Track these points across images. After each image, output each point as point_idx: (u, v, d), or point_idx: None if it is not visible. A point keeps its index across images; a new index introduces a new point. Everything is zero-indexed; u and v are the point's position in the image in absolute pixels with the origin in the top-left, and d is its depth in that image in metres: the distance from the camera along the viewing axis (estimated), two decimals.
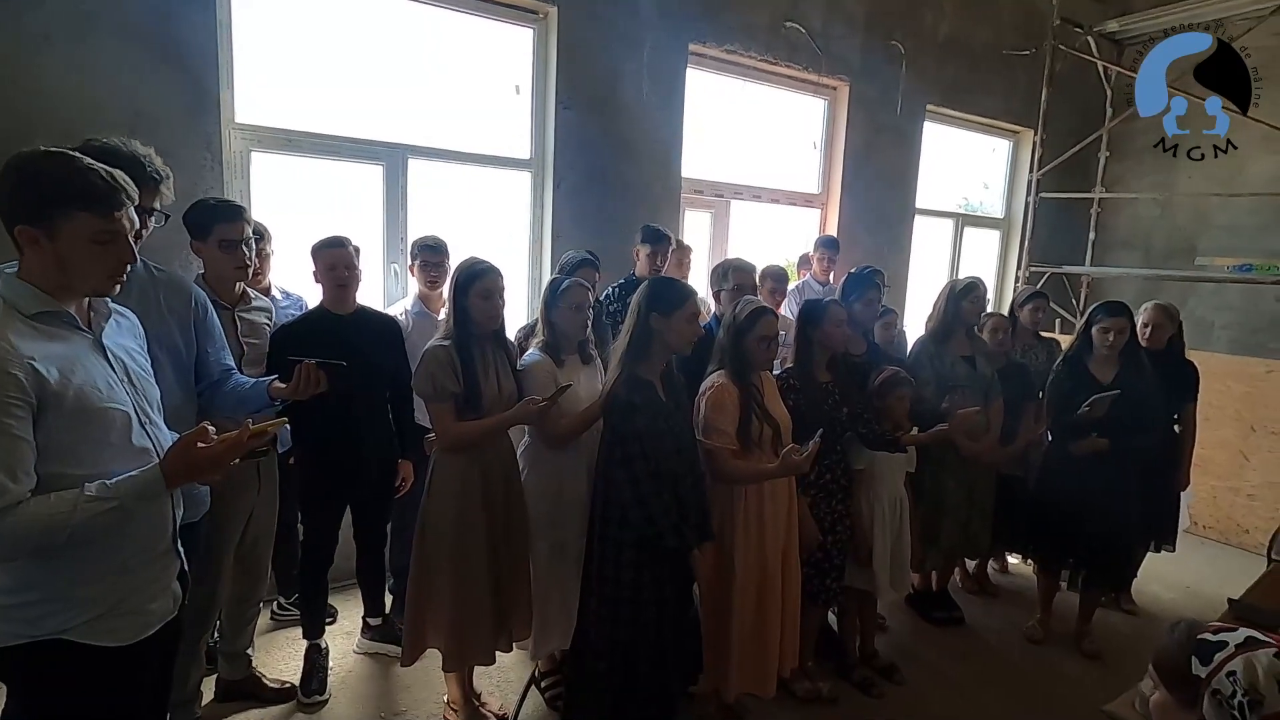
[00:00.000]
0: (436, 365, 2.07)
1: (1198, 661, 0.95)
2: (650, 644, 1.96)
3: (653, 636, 1.96)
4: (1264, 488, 4.19)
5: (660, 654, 1.97)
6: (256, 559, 2.37)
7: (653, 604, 1.95)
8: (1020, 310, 3.57)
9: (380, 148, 3.37)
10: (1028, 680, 2.85)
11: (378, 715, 2.45)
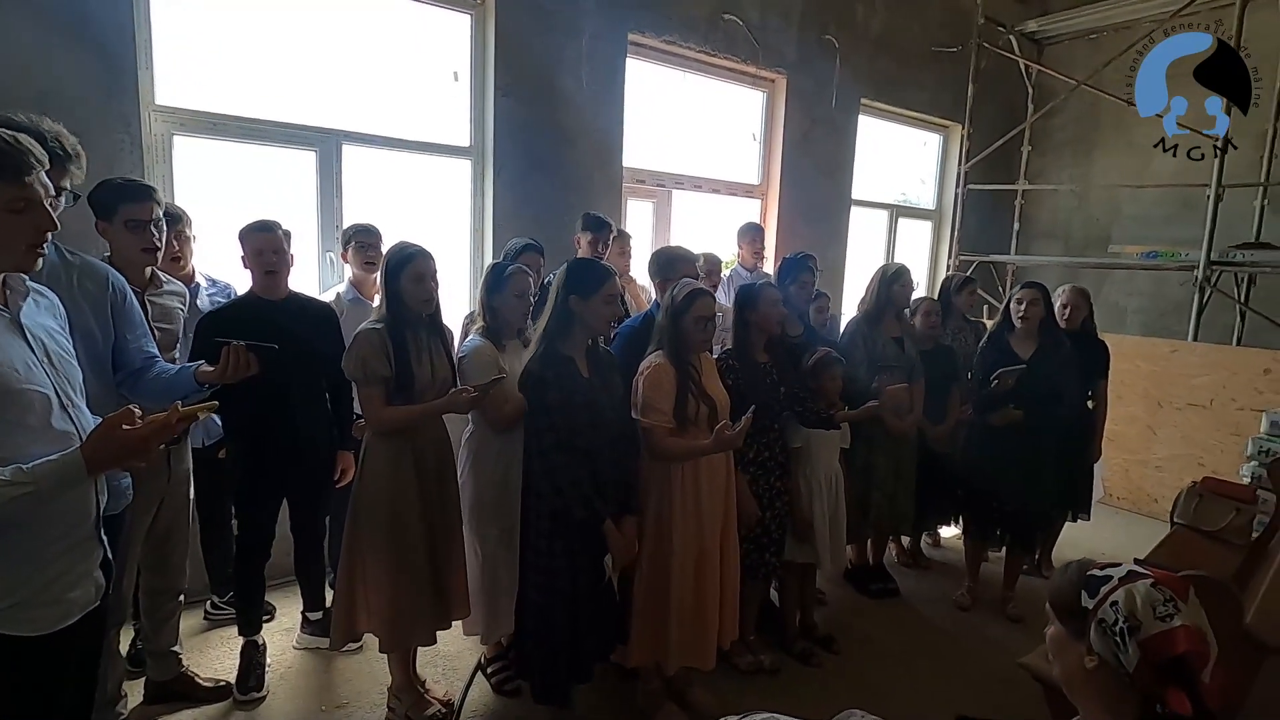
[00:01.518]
0: (367, 348, 2.05)
1: (1086, 595, 1.03)
2: (563, 611, 2.00)
3: (566, 604, 2.01)
4: (1169, 459, 4.50)
5: (573, 621, 2.02)
6: (170, 550, 2.28)
7: (565, 573, 2.00)
8: (954, 295, 3.73)
9: (313, 133, 3.29)
10: (957, 644, 3.00)
11: (318, 709, 2.41)
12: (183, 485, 2.28)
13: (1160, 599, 0.98)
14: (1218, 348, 4.47)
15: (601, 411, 2.02)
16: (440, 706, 2.35)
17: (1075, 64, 5.74)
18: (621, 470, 2.10)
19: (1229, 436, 4.17)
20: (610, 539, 1.99)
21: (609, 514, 2.00)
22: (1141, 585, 1.00)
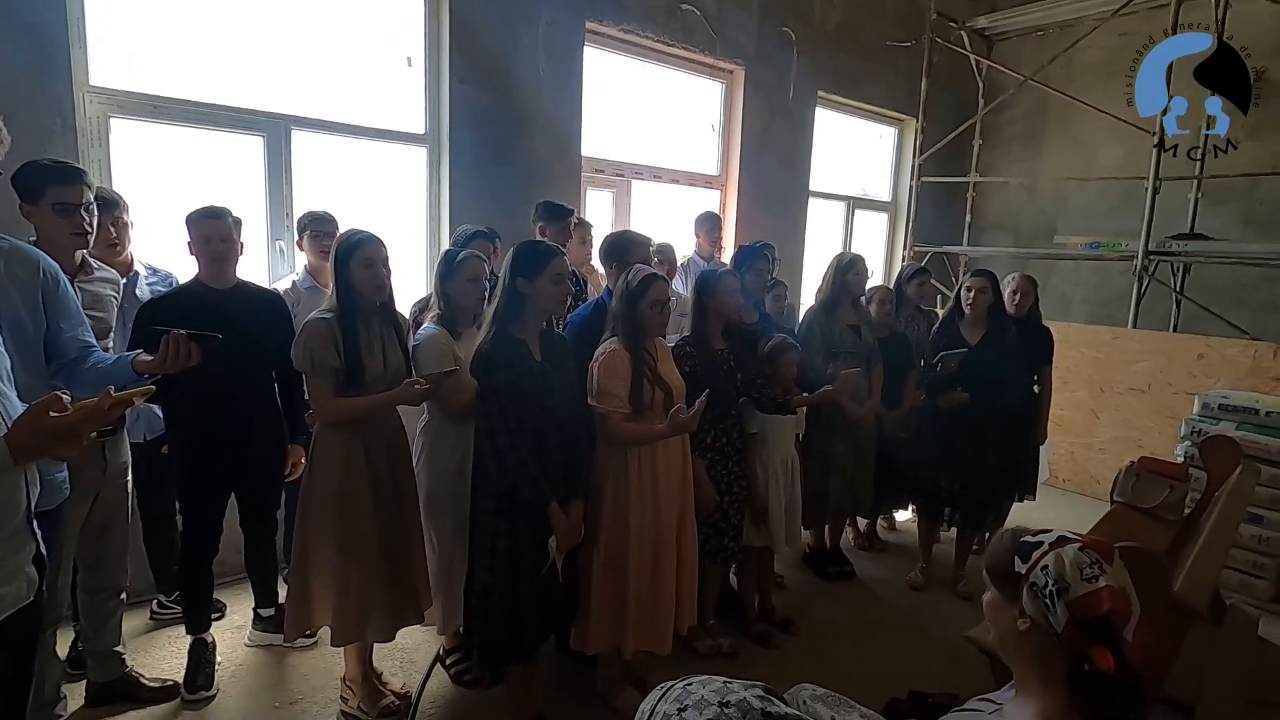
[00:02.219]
0: (315, 338, 2.01)
1: (1019, 560, 1.07)
2: (505, 592, 2.00)
3: (507, 585, 2.00)
4: (1112, 442, 4.68)
5: (516, 603, 2.02)
6: (108, 546, 2.21)
7: (507, 554, 2.00)
8: (907, 285, 3.81)
9: (260, 118, 3.19)
10: (911, 622, 3.09)
11: (271, 706, 2.36)
12: (120, 478, 2.21)
13: (1087, 562, 1.02)
14: (1155, 334, 4.66)
15: (551, 395, 2.02)
16: (395, 699, 2.33)
17: (1023, 60, 5.91)
18: (571, 455, 2.09)
19: (1166, 419, 4.35)
20: (555, 521, 1.99)
21: (555, 497, 1.99)
22: (1070, 549, 1.04)
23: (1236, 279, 5.14)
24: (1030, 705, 1.06)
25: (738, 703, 0.71)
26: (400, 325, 2.25)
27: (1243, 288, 5.14)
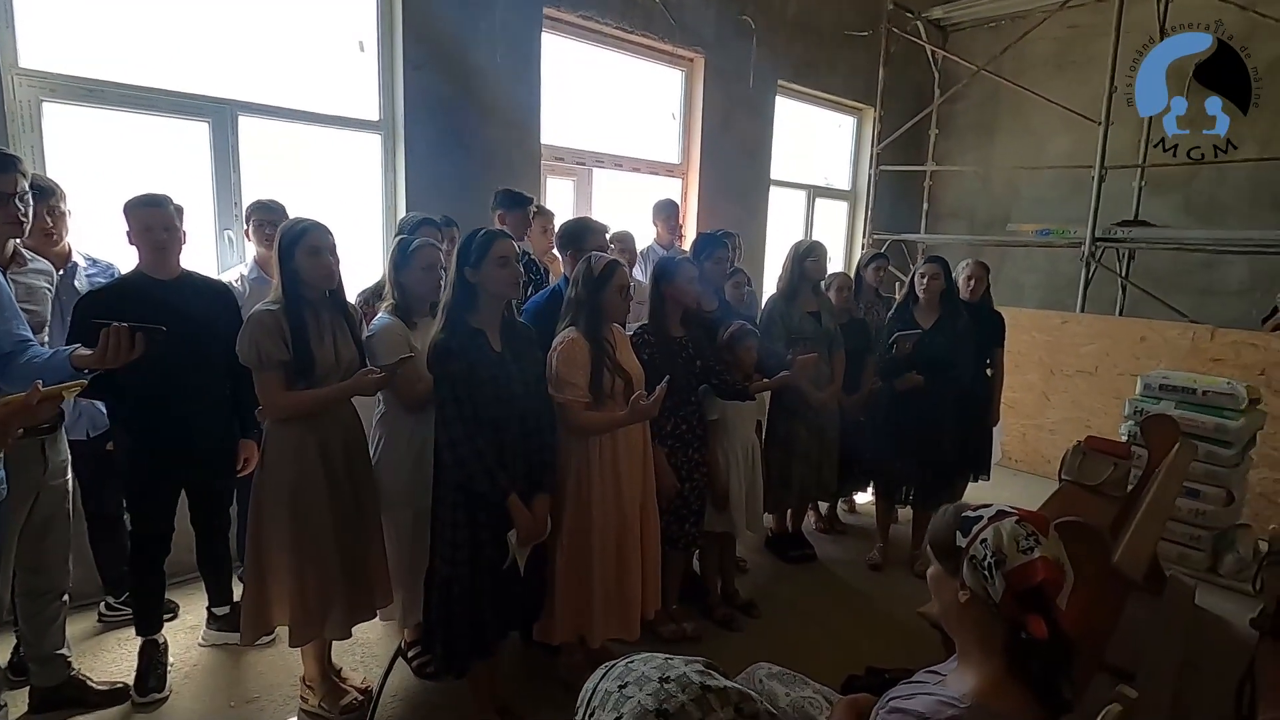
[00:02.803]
0: (261, 330, 1.94)
1: (960, 535, 1.11)
2: (465, 585, 1.98)
3: (468, 578, 1.98)
4: (1062, 422, 4.84)
5: (476, 597, 2.00)
6: (49, 548, 2.13)
7: (466, 546, 1.97)
8: (865, 271, 3.87)
9: (204, 103, 3.09)
10: (869, 602, 3.16)
11: (227, 705, 2.31)
12: (59, 477, 2.12)
13: (1023, 534, 1.05)
14: (1102, 318, 4.82)
15: (510, 386, 1.99)
16: (357, 695, 2.30)
17: (977, 50, 6.02)
18: (534, 447, 2.07)
19: (1112, 399, 4.51)
20: (515, 515, 1.96)
21: (515, 490, 1.97)
22: (1007, 523, 1.07)
23: (1177, 264, 5.34)
24: (971, 673, 1.09)
25: (677, 677, 0.72)
26: (352, 315, 2.19)
27: (1183, 273, 5.34)
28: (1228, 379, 3.54)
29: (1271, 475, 3.95)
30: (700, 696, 0.70)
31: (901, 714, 1.06)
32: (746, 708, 0.70)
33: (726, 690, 0.72)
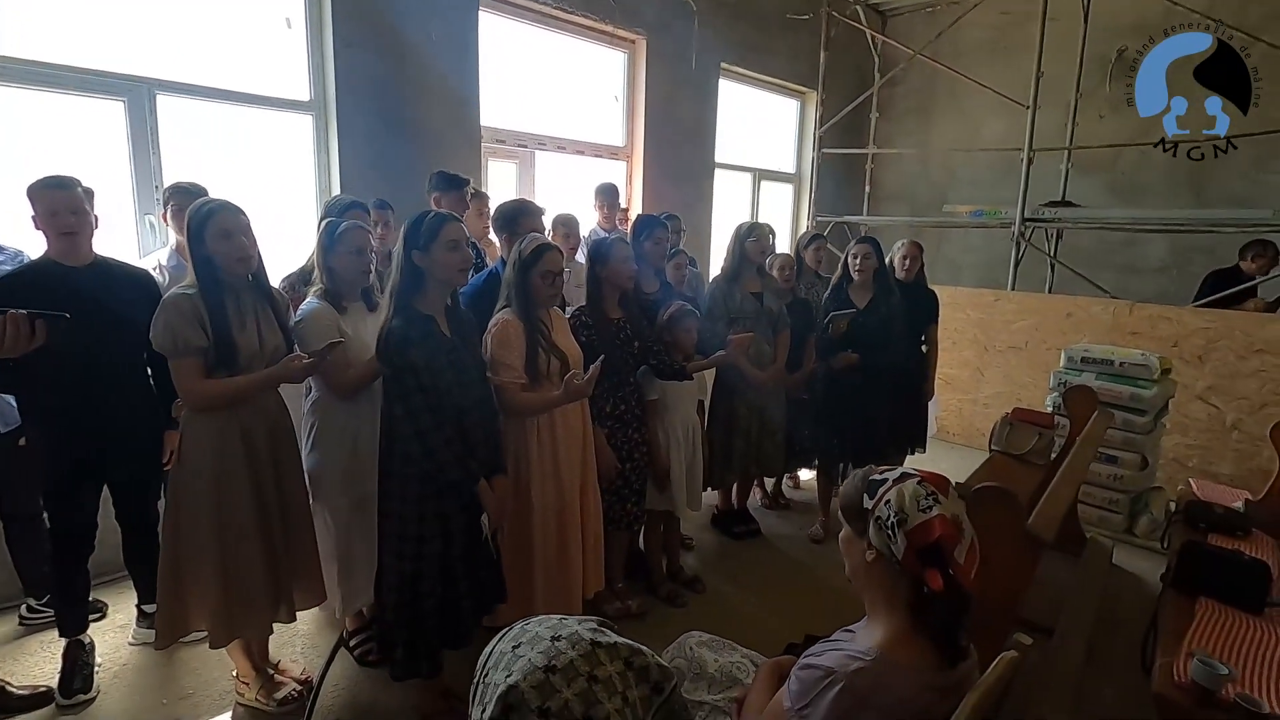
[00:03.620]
0: (176, 315, 1.85)
1: (867, 497, 1.15)
2: (436, 578, 1.96)
3: (439, 570, 1.96)
4: (994, 397, 5.03)
5: (450, 586, 1.99)
6: None
7: (439, 537, 1.95)
8: (804, 251, 3.94)
9: (118, 81, 2.94)
10: (811, 573, 3.25)
11: (160, 703, 2.25)
12: None
13: (923, 494, 1.11)
14: (1031, 295, 5.02)
15: (466, 371, 1.98)
16: (296, 686, 2.26)
17: (915, 35, 6.14)
18: (489, 430, 2.07)
19: (1041, 373, 4.70)
20: (484, 498, 1.95)
21: (481, 473, 1.96)
22: (909, 484, 1.12)
23: (1102, 243, 5.59)
24: (878, 628, 1.14)
25: (568, 635, 0.74)
26: (276, 300, 2.12)
27: (1107, 251, 5.59)
28: (1143, 351, 3.73)
29: (1183, 440, 4.20)
30: (590, 652, 0.71)
31: (812, 669, 1.11)
32: (636, 661, 0.72)
33: (616, 645, 0.74)
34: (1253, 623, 2.09)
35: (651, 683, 0.73)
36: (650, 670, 0.73)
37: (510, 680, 0.68)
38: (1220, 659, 1.81)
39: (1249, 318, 4.04)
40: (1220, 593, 2.17)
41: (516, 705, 0.68)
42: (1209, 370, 4.12)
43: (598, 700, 0.68)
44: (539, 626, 0.76)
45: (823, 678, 1.07)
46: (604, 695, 0.69)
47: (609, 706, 0.68)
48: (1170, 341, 4.24)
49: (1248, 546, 2.55)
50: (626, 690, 0.71)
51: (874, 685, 1.05)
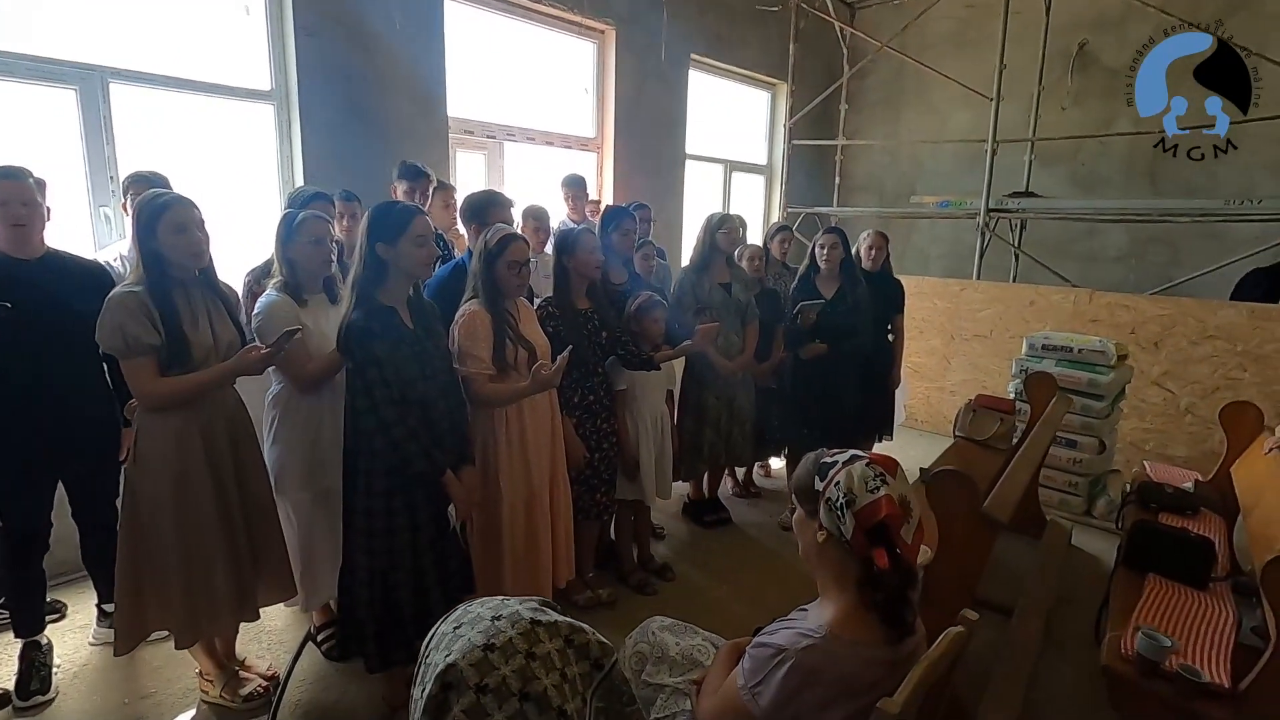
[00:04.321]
0: (125, 314, 1.79)
1: (818, 479, 1.18)
2: (407, 569, 1.96)
3: (409, 562, 1.96)
4: (960, 384, 5.13)
5: (419, 578, 1.99)
6: None
7: (407, 530, 1.95)
8: (770, 242, 3.97)
9: (69, 69, 2.86)
10: (779, 559, 3.30)
11: (121, 703, 2.22)
12: None
13: (871, 475, 1.13)
14: (996, 284, 5.12)
15: (430, 362, 1.97)
16: (262, 682, 2.25)
17: (882, 27, 6.20)
18: (455, 420, 2.06)
19: (1005, 361, 4.80)
20: (451, 489, 1.95)
21: (448, 464, 1.96)
22: (858, 466, 1.15)
23: (1064, 233, 5.71)
24: (829, 606, 1.17)
25: (509, 614, 0.75)
26: (227, 295, 2.08)
27: (1069, 241, 5.72)
28: (1100, 338, 3.83)
29: (1140, 425, 4.33)
30: (529, 630, 0.73)
31: (764, 647, 1.13)
32: (577, 639, 0.74)
33: (557, 624, 0.75)
34: (1198, 597, 2.17)
35: (592, 659, 0.75)
36: (590, 647, 0.74)
37: (449, 659, 0.69)
38: (1165, 632, 1.88)
39: (1202, 305, 4.17)
40: (1167, 569, 2.25)
41: (455, 683, 0.69)
42: (1164, 356, 4.24)
43: (535, 676, 0.69)
44: (481, 608, 0.77)
45: (773, 655, 1.10)
46: (541, 671, 0.70)
47: (546, 682, 0.69)
48: (1128, 328, 4.35)
49: (1197, 525, 2.64)
50: (565, 667, 0.72)
51: (823, 661, 1.07)
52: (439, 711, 0.69)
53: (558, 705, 0.69)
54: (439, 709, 0.70)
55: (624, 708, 0.77)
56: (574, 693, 0.71)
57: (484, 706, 0.68)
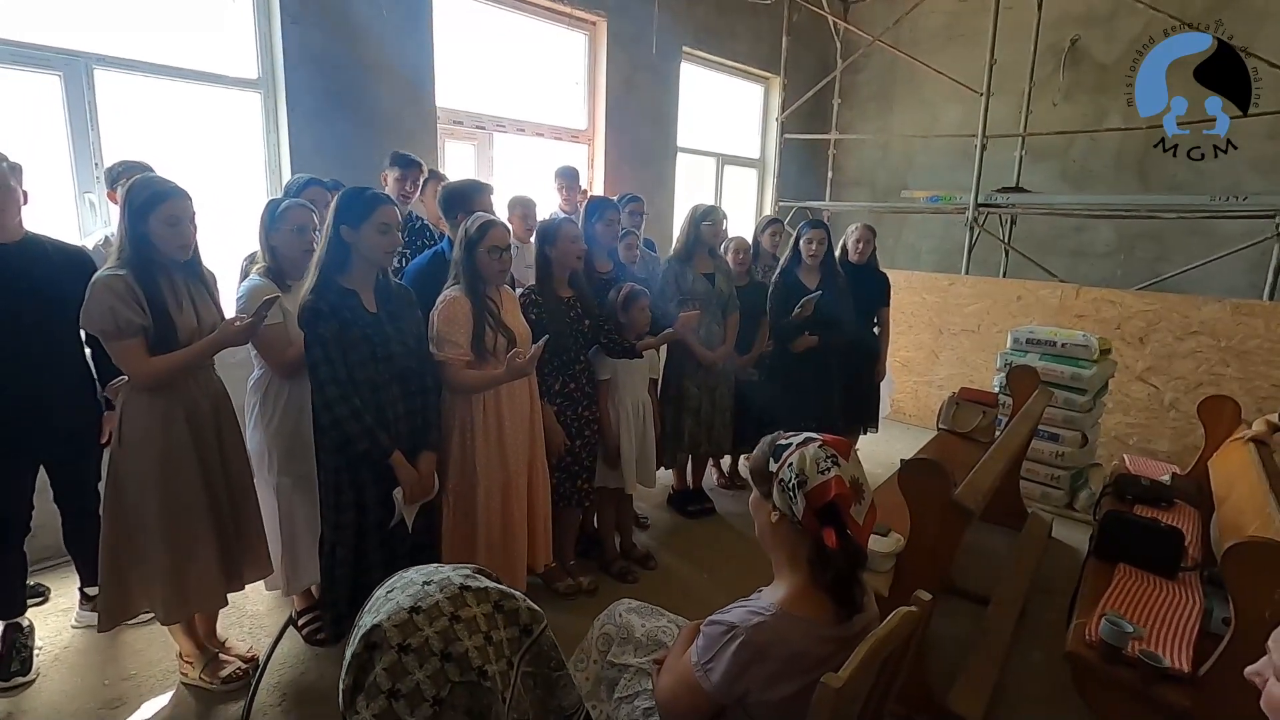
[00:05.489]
0: (113, 296, 1.82)
1: (773, 460, 1.20)
2: (348, 547, 2.00)
3: (352, 540, 2.00)
4: (949, 378, 5.15)
5: (361, 558, 2.02)
6: None
7: (351, 508, 1.98)
8: (761, 235, 3.99)
9: (52, 54, 2.86)
10: (760, 550, 3.31)
11: (101, 684, 2.24)
12: None
13: (823, 457, 1.15)
14: (984, 279, 5.14)
15: (386, 345, 1.99)
16: (241, 664, 2.27)
17: (875, 22, 6.20)
18: (415, 406, 2.08)
19: (992, 355, 4.80)
20: (399, 471, 1.97)
21: (398, 447, 1.98)
22: (811, 447, 1.17)
23: (1053, 229, 5.73)
24: (782, 586, 1.20)
25: (440, 580, 0.77)
26: (208, 279, 2.10)
27: (1058, 236, 5.74)
28: (1084, 332, 3.85)
29: (1125, 419, 4.35)
30: (457, 595, 0.75)
31: (716, 624, 1.15)
32: (507, 605, 0.76)
33: (487, 590, 0.77)
34: (1166, 586, 2.20)
35: (521, 625, 0.77)
36: (520, 614, 0.76)
37: (375, 620, 0.71)
38: (1131, 620, 1.91)
39: (1187, 300, 4.19)
40: (1137, 559, 2.28)
41: (379, 643, 0.72)
42: (1149, 351, 4.27)
43: (457, 638, 0.71)
44: (415, 574, 0.79)
45: (724, 632, 1.12)
46: (465, 634, 0.72)
47: (469, 644, 0.71)
48: (1114, 324, 4.38)
49: (1170, 517, 2.66)
50: (492, 630, 0.74)
51: (772, 638, 1.09)
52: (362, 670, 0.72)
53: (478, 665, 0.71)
54: (362, 667, 0.72)
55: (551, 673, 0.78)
56: (498, 655, 0.73)
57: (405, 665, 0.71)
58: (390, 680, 0.71)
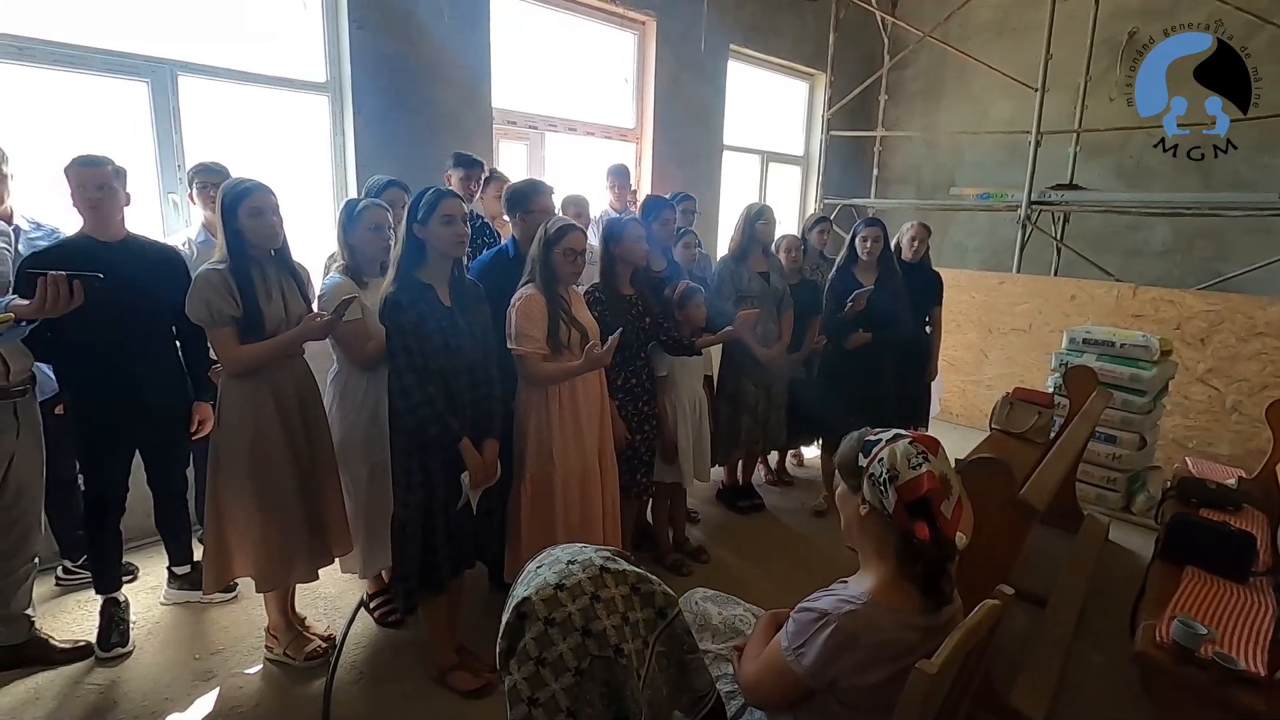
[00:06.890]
0: (209, 289, 2.00)
1: (862, 456, 1.24)
2: (416, 524, 2.09)
3: (420, 518, 2.09)
4: (998, 378, 5.10)
5: (429, 536, 2.11)
6: (22, 511, 2.18)
7: (420, 489, 2.08)
8: (809, 233, 4.00)
9: (142, 62, 3.02)
10: (811, 545, 3.35)
11: (192, 658, 2.38)
12: (33, 440, 2.18)
13: (914, 453, 1.19)
14: (1035, 278, 5.06)
15: (459, 337, 2.08)
16: (321, 643, 2.39)
17: (924, 17, 6.13)
18: (482, 396, 2.17)
19: (1043, 355, 4.75)
20: (466, 456, 2.06)
21: (465, 433, 2.07)
22: (901, 443, 1.21)
23: (1107, 226, 5.61)
24: (869, 576, 1.24)
25: (583, 560, 0.83)
26: (299, 274, 2.24)
27: (1113, 235, 5.62)
28: (1144, 333, 3.79)
29: (1184, 422, 4.26)
30: (597, 575, 0.81)
31: (808, 611, 1.20)
32: (643, 588, 0.82)
33: (625, 572, 0.83)
34: (1237, 590, 2.17)
35: (656, 607, 0.83)
36: (656, 597, 0.82)
37: (526, 593, 0.79)
38: (1202, 622, 1.90)
39: (1252, 301, 4.08)
40: (1206, 562, 2.26)
41: (528, 614, 0.80)
42: (1210, 352, 4.17)
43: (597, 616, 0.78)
44: (561, 551, 0.86)
45: (817, 619, 1.17)
46: (603, 613, 0.79)
47: (607, 623, 0.78)
48: (1173, 324, 4.29)
49: (1238, 521, 2.62)
50: (629, 611, 0.81)
51: (863, 626, 1.14)
52: (514, 637, 0.80)
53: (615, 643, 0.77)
54: (514, 635, 0.81)
55: (684, 654, 0.84)
56: (634, 635, 0.80)
57: (550, 637, 0.79)
58: (538, 649, 0.79)
